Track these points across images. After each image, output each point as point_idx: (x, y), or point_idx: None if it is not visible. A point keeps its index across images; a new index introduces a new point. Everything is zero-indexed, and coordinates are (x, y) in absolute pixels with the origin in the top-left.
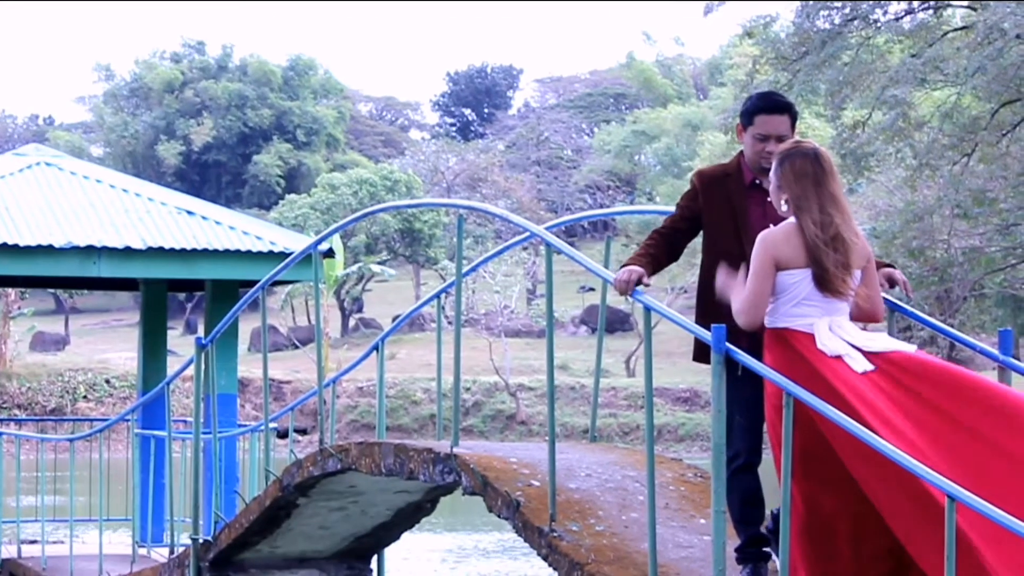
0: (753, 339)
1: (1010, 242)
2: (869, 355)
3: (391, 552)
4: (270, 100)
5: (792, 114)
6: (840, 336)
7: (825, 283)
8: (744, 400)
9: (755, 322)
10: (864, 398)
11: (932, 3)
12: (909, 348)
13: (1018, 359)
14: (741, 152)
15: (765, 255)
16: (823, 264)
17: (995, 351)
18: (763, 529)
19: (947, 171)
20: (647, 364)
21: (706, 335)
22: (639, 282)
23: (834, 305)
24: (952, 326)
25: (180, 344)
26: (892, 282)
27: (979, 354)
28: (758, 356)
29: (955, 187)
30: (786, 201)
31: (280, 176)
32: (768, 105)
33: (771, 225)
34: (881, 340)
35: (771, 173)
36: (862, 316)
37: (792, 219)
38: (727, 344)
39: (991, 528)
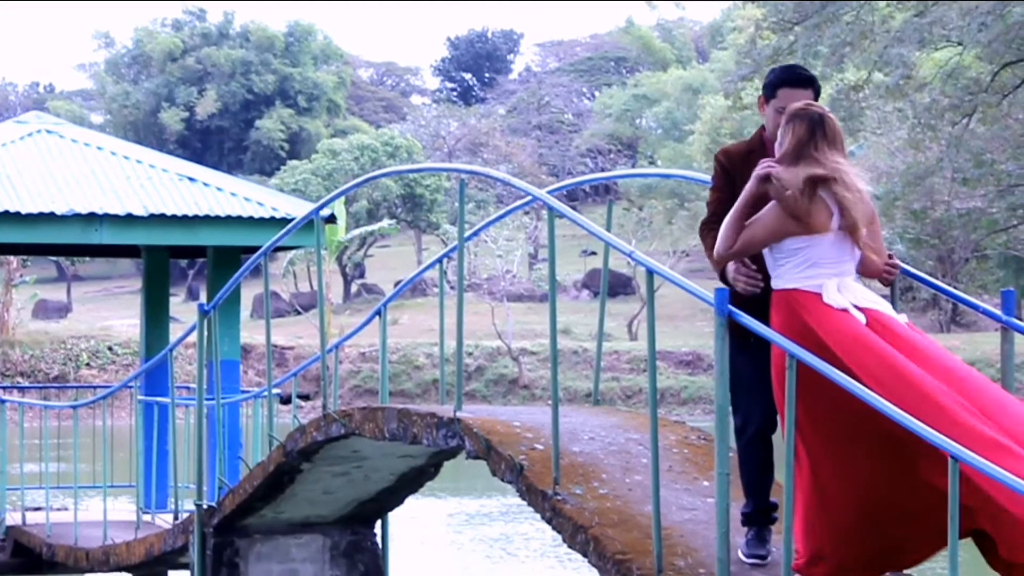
0: (760, 304)
1: (1011, 203)
2: (860, 308)
3: (395, 516)
4: (273, 66)
5: (815, 88)
6: (845, 295)
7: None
8: (757, 368)
9: (725, 265)
10: (867, 346)
11: None
12: (898, 316)
13: (1020, 319)
14: (763, 127)
15: (780, 213)
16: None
17: (998, 311)
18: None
19: (947, 132)
20: (650, 327)
21: (708, 297)
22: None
23: (843, 267)
24: (954, 287)
25: (182, 311)
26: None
27: (982, 315)
28: (765, 321)
29: (955, 148)
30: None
31: (284, 141)
32: (791, 78)
33: None
34: (877, 299)
35: (779, 130)
36: (868, 272)
37: None
38: (731, 307)
39: None
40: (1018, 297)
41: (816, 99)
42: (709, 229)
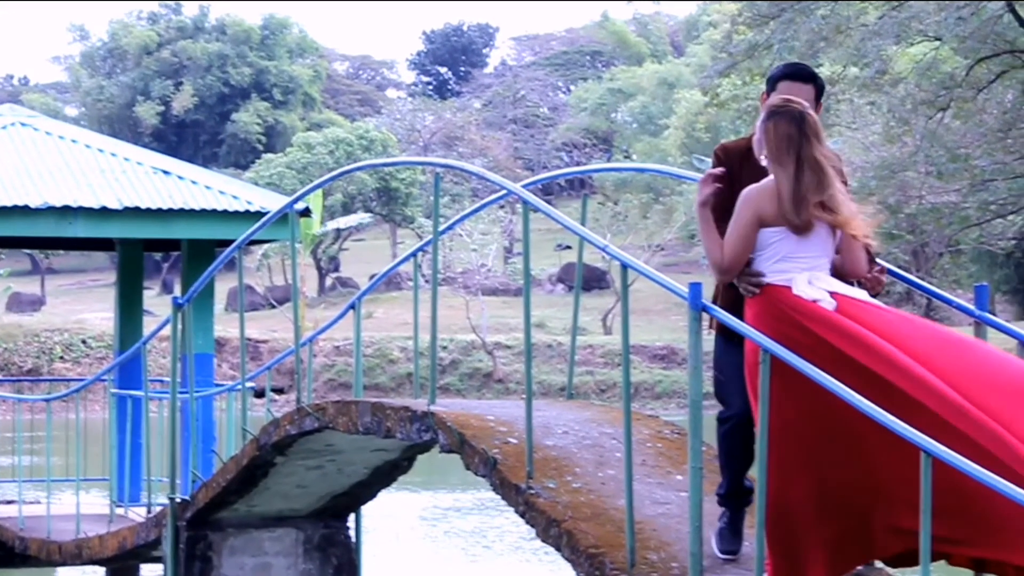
0: (735, 299)
1: (984, 198)
2: (833, 294)
3: (368, 510)
4: (249, 59)
5: (818, 84)
6: (817, 286)
7: (801, 231)
8: (740, 362)
9: (732, 275)
10: (842, 329)
11: None
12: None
13: (994, 314)
14: None
15: (748, 211)
16: (793, 222)
17: (971, 306)
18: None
19: (922, 126)
20: (624, 321)
21: (682, 291)
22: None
23: (816, 262)
24: (928, 282)
25: (156, 304)
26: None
27: (956, 310)
28: (740, 315)
29: (930, 142)
30: (765, 156)
31: (261, 135)
32: (793, 72)
33: None
34: (852, 289)
35: (757, 125)
36: (843, 275)
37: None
38: (704, 301)
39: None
40: (992, 292)
41: (819, 95)
42: None
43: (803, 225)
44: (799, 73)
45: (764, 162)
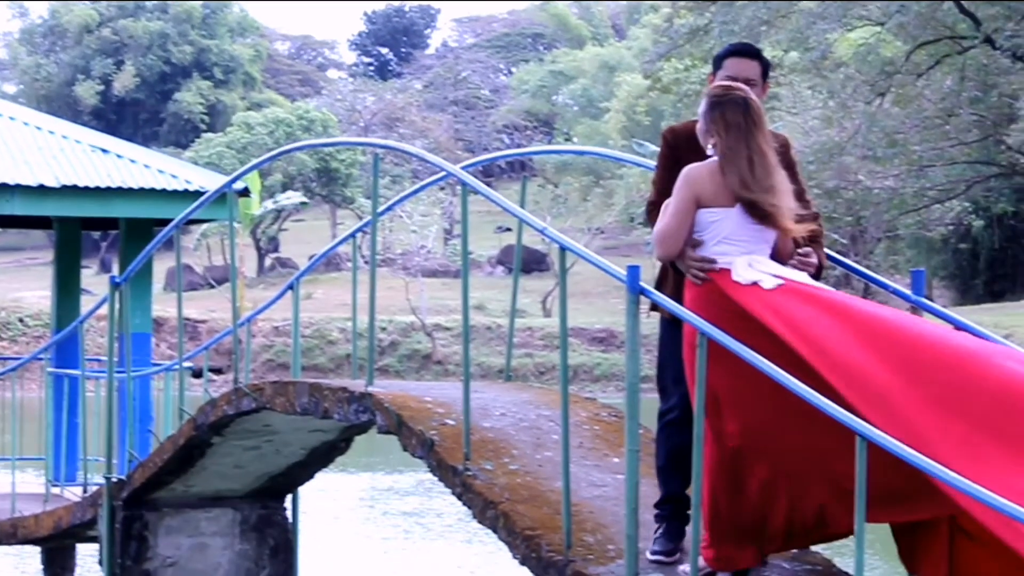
0: (677, 283)
1: (922, 184)
2: (778, 277)
3: (306, 491)
4: (191, 37)
5: (763, 62)
6: (756, 268)
7: (762, 219)
8: (678, 349)
9: (671, 254)
10: (781, 314)
11: None
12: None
13: (931, 300)
14: None
15: (688, 191)
16: (757, 208)
17: (908, 291)
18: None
19: (861, 110)
20: (562, 304)
21: (620, 274)
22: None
23: (755, 246)
24: (866, 267)
25: (94, 283)
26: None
27: (892, 294)
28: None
29: (868, 126)
30: (713, 145)
31: (204, 114)
32: (738, 49)
33: None
34: (794, 272)
35: (700, 113)
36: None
37: (716, 158)
38: (642, 284)
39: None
40: (929, 277)
41: (765, 73)
42: (654, 208)
43: (754, 206)
44: (745, 50)
45: (710, 151)
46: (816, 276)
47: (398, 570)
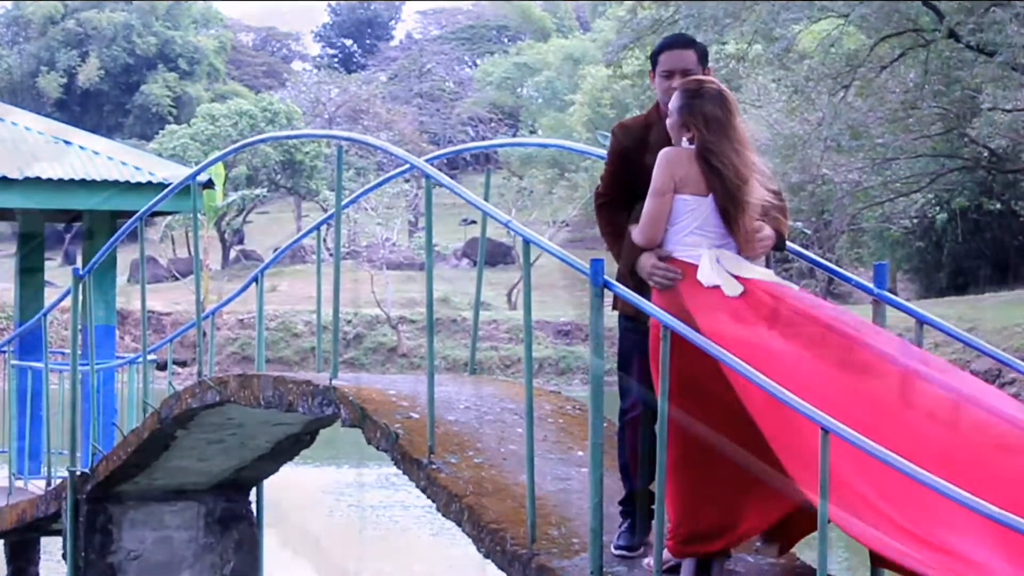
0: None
1: (886, 177)
2: (741, 279)
3: (270, 484)
4: (155, 28)
5: (698, 49)
6: (723, 267)
7: (733, 222)
8: (644, 350)
9: (653, 240)
10: (734, 331)
11: None
12: (783, 283)
13: (894, 293)
14: (658, 102)
15: (667, 172)
16: (735, 201)
17: (870, 284)
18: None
19: (825, 103)
20: (526, 297)
21: (584, 267)
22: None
23: (725, 240)
24: (830, 260)
25: (58, 275)
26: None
27: (856, 288)
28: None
29: (832, 118)
30: (690, 140)
31: (172, 106)
32: (671, 41)
33: None
34: (759, 271)
35: (672, 106)
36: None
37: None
38: (606, 278)
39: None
40: (893, 271)
41: (703, 61)
42: (602, 203)
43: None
44: (677, 41)
45: (685, 144)
46: (779, 246)
47: (363, 564)
